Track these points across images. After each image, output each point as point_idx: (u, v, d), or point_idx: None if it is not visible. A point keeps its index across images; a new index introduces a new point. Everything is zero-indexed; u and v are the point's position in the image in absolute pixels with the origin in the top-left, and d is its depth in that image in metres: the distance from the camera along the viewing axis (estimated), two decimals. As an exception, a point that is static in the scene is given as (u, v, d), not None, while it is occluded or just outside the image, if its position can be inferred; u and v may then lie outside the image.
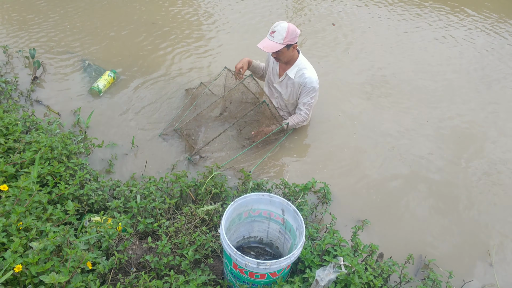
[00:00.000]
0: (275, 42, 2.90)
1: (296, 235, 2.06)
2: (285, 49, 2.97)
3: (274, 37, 2.91)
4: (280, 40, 2.89)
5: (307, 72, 3.13)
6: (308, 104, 3.22)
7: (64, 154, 2.69)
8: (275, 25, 2.93)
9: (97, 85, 3.75)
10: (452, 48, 5.07)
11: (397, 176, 3.22)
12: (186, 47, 4.65)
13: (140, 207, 2.41)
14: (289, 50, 3.00)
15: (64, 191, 2.36)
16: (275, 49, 2.90)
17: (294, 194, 2.77)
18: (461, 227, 2.87)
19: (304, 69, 3.14)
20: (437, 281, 2.23)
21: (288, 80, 3.21)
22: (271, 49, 2.90)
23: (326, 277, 1.98)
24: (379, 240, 2.66)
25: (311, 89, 3.14)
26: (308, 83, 3.12)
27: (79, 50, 4.41)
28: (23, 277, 1.66)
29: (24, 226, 1.92)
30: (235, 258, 1.85)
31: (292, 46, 2.99)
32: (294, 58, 3.15)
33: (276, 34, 2.90)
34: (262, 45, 2.93)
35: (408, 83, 4.35)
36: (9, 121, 2.77)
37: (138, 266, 2.23)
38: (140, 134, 3.39)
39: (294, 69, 3.15)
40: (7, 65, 4.05)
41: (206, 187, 2.65)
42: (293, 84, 3.19)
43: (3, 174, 2.31)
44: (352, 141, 3.51)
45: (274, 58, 3.11)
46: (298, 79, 3.15)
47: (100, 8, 5.31)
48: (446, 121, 3.84)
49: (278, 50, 2.93)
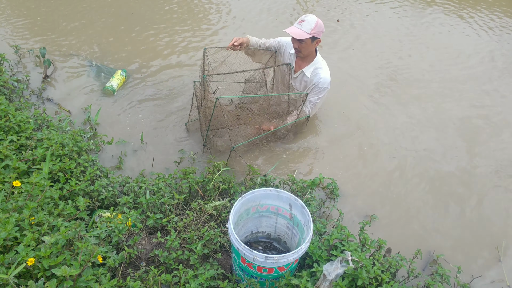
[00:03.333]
0: (302, 31, 2.91)
1: (304, 230, 2.08)
2: (310, 41, 2.97)
3: (302, 26, 2.92)
4: (308, 29, 2.90)
5: (322, 72, 3.14)
6: (313, 103, 3.22)
7: (75, 151, 2.73)
8: (305, 15, 2.97)
9: (111, 84, 3.79)
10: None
11: (405, 172, 3.21)
12: (195, 44, 4.67)
13: (149, 203, 2.44)
14: (312, 43, 3.01)
15: (75, 187, 2.40)
16: (302, 36, 2.90)
17: (302, 190, 2.78)
18: (469, 222, 2.86)
19: (319, 69, 3.15)
20: (445, 276, 2.23)
21: (303, 77, 3.21)
22: (298, 36, 2.91)
23: (334, 272, 1.99)
24: (386, 236, 2.66)
25: (322, 89, 3.16)
26: (322, 83, 3.13)
27: (87, 49, 4.46)
28: (35, 270, 1.70)
29: (36, 221, 1.95)
30: (243, 252, 1.86)
31: (315, 41, 3.01)
32: (313, 55, 3.16)
33: (305, 24, 2.91)
34: (290, 31, 2.95)
35: (417, 77, 4.33)
36: (21, 119, 2.82)
37: (148, 261, 2.26)
38: (149, 131, 3.43)
39: (311, 68, 3.15)
40: (18, 64, 4.11)
41: (214, 183, 2.67)
42: (307, 82, 3.20)
43: (15, 171, 2.35)
44: (359, 137, 3.50)
45: (295, 50, 3.09)
46: (312, 78, 3.16)
47: (107, 10, 5.36)
48: (457, 115, 3.82)
49: (303, 40, 2.94)
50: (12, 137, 2.61)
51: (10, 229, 1.79)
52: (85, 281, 1.72)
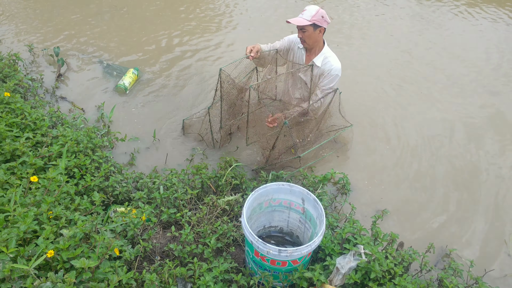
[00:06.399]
0: (303, 18, 3.03)
1: (317, 224, 2.09)
2: (311, 29, 3.03)
3: (303, 14, 3.04)
4: (308, 17, 3.00)
5: (332, 60, 3.20)
6: (323, 90, 3.21)
7: (89, 148, 2.78)
8: (307, 6, 3.09)
9: (123, 82, 3.84)
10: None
11: (416, 166, 3.20)
12: (205, 43, 4.70)
13: (163, 198, 2.47)
14: (315, 31, 3.06)
15: (90, 183, 2.44)
16: (302, 23, 3.00)
17: (313, 185, 2.79)
18: (482, 217, 2.85)
19: (329, 57, 3.21)
20: (458, 270, 2.22)
21: (314, 68, 3.23)
22: (298, 23, 3.01)
23: (347, 265, 2.00)
24: (398, 230, 2.66)
25: (334, 76, 3.18)
26: (333, 70, 3.17)
27: (99, 48, 4.52)
28: (54, 262, 1.74)
29: (54, 215, 2.00)
30: (257, 245, 1.88)
31: (318, 29, 3.06)
32: (320, 46, 3.20)
33: (305, 12, 3.03)
34: (291, 20, 3.06)
35: (437, 70, 4.31)
36: (36, 117, 2.87)
37: (162, 255, 2.30)
38: (160, 128, 3.46)
39: (321, 57, 3.19)
40: (32, 63, 4.18)
41: (226, 179, 2.70)
42: (318, 71, 3.22)
43: (32, 167, 2.40)
44: (371, 132, 3.50)
45: (300, 40, 3.15)
46: (323, 67, 3.19)
47: (119, 10, 5.41)
48: (474, 110, 3.80)
49: (304, 27, 3.02)
50: (28, 134, 2.66)
51: (29, 223, 1.83)
52: (103, 273, 1.76)
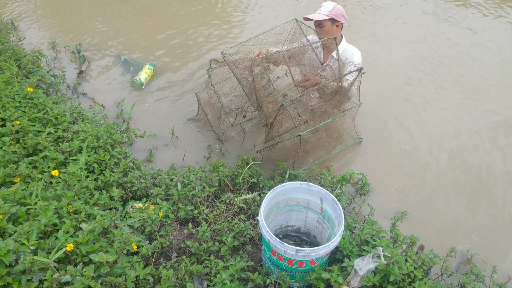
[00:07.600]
0: (320, 14, 3.06)
1: (335, 224, 2.06)
2: (329, 23, 3.06)
3: (320, 10, 3.08)
4: (326, 12, 3.04)
5: (352, 50, 3.21)
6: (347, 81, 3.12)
7: (109, 143, 2.81)
8: (324, 2, 3.12)
9: (139, 78, 3.87)
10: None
11: (437, 168, 3.13)
12: (225, 39, 4.70)
13: (180, 195, 2.48)
14: (333, 26, 3.09)
15: (109, 178, 2.47)
16: (320, 18, 3.04)
17: (332, 185, 2.75)
18: (504, 221, 2.77)
19: (348, 50, 3.22)
20: (480, 275, 2.16)
21: (332, 60, 3.20)
22: (316, 18, 3.05)
23: (365, 267, 1.97)
24: (418, 233, 2.60)
25: (356, 65, 3.12)
26: (355, 60, 3.16)
27: (117, 44, 4.57)
28: (74, 256, 1.76)
29: (74, 209, 2.02)
30: (274, 244, 1.87)
31: (336, 24, 3.08)
32: (338, 40, 3.17)
33: (322, 8, 3.08)
34: (310, 15, 3.08)
35: (457, 71, 4.23)
36: (58, 112, 2.92)
37: (179, 251, 2.30)
38: (179, 125, 3.47)
39: (340, 50, 3.14)
40: (55, 60, 4.25)
41: (244, 177, 2.69)
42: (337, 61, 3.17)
43: (53, 161, 2.44)
44: (390, 133, 3.44)
45: (317, 35, 3.14)
46: (343, 56, 3.15)
47: (134, 8, 5.47)
48: (493, 112, 3.69)
49: (321, 22, 3.05)
50: (50, 129, 2.70)
51: (50, 216, 1.86)
52: (121, 267, 1.77)
